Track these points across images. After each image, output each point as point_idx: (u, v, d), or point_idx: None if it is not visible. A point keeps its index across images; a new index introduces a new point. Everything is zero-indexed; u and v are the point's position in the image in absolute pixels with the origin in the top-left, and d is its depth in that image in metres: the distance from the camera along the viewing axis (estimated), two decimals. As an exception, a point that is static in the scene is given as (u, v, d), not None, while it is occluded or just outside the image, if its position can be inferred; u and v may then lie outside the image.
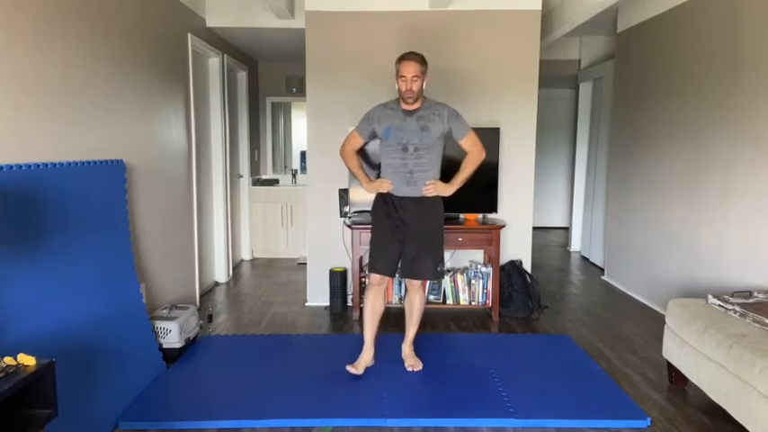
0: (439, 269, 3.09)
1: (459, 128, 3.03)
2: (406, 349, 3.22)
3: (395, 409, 2.68)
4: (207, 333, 3.76)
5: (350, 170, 3.26)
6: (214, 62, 5.02)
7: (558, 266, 6.02)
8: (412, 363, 3.14)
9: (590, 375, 3.08)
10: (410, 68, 2.85)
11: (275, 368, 3.16)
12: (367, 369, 3.07)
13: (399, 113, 2.98)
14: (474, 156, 3.09)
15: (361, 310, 4.13)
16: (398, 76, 2.89)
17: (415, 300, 3.17)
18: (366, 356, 3.10)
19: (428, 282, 4.14)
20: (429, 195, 3.00)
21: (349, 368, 3.04)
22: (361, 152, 3.29)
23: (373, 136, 3.12)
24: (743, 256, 3.39)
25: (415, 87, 2.87)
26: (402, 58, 2.89)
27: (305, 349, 3.49)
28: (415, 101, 2.93)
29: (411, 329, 3.21)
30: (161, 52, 3.79)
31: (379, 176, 3.13)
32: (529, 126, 4.37)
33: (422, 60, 2.90)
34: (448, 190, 3.04)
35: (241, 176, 6.04)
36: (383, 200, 3.07)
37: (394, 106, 3.02)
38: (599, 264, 5.88)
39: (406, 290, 3.23)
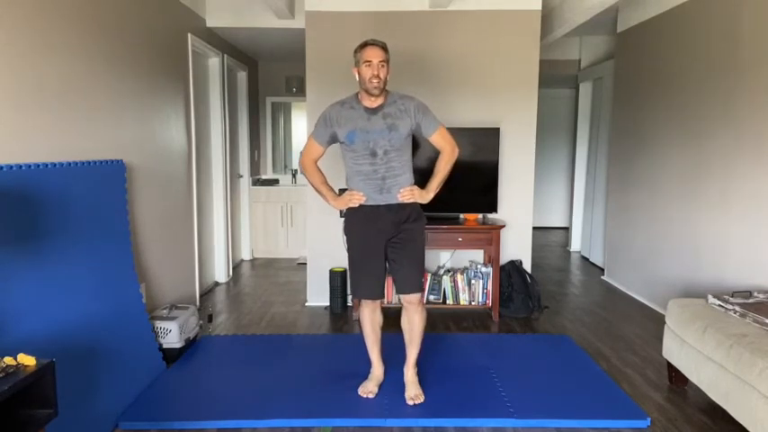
0: (420, 282, 2.79)
1: (429, 122, 2.71)
2: (409, 375, 2.88)
3: (395, 409, 2.68)
4: (207, 333, 3.76)
5: (313, 186, 2.86)
6: (214, 62, 5.02)
7: (558, 266, 6.02)
8: (413, 395, 2.77)
9: (590, 375, 3.08)
10: (376, 53, 2.58)
11: (275, 368, 3.16)
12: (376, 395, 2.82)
13: (362, 112, 2.66)
14: (447, 154, 2.76)
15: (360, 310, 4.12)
16: (362, 62, 2.58)
17: (414, 320, 2.81)
18: (377, 373, 2.90)
19: (427, 291, 4.13)
20: (406, 202, 2.71)
21: (362, 393, 2.80)
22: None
23: (333, 141, 2.76)
24: (743, 256, 3.39)
25: (383, 74, 2.58)
26: (365, 44, 2.62)
27: (305, 349, 3.49)
28: (380, 92, 2.62)
29: (412, 351, 2.87)
30: (161, 52, 3.79)
31: (343, 189, 2.82)
32: (529, 126, 4.36)
33: (386, 48, 2.63)
34: (426, 197, 2.74)
35: (241, 176, 6.04)
36: (354, 213, 2.76)
37: (353, 104, 2.69)
38: (599, 264, 5.88)
39: (402, 306, 2.85)
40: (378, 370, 2.93)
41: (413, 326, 2.83)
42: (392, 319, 4.01)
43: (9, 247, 2.20)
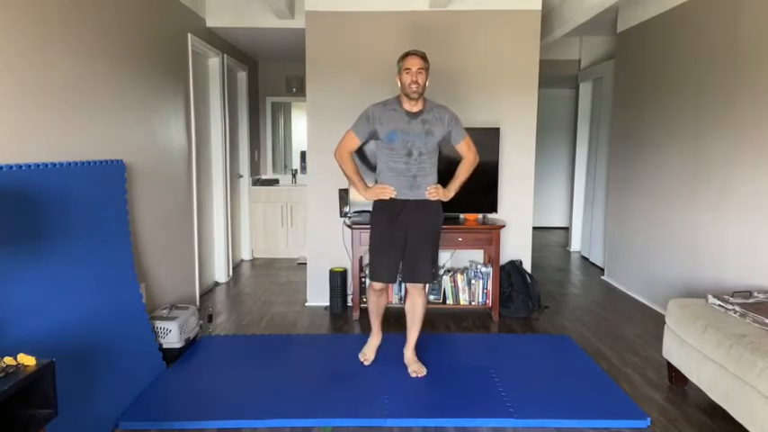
0: (434, 271, 3.08)
1: (458, 132, 3.03)
2: (408, 354, 3.16)
3: (395, 409, 2.68)
4: (207, 333, 3.76)
5: (346, 175, 3.09)
6: (214, 62, 5.02)
7: (558, 266, 6.02)
8: (416, 368, 3.07)
9: (590, 375, 3.08)
10: (416, 62, 2.85)
11: (275, 368, 3.16)
12: (372, 362, 3.19)
13: (403, 115, 2.91)
14: (469, 161, 3.10)
15: (361, 310, 4.14)
16: (403, 70, 2.87)
17: (417, 303, 3.11)
18: (375, 339, 3.24)
19: (427, 289, 4.16)
20: (432, 199, 2.99)
21: (361, 358, 3.18)
22: (359, 152, 3.25)
23: (372, 137, 3.00)
24: (743, 256, 3.39)
25: (421, 80, 2.84)
26: (406, 54, 2.89)
27: (305, 349, 3.49)
28: (419, 96, 2.88)
29: (413, 334, 3.16)
30: (161, 52, 3.79)
31: (376, 181, 3.06)
32: (529, 126, 4.37)
33: (425, 57, 2.90)
34: (447, 195, 3.04)
35: (241, 176, 6.04)
36: (383, 204, 3.01)
37: (395, 107, 2.94)
38: (599, 264, 5.88)
39: (406, 292, 3.16)
40: (376, 337, 3.25)
41: (415, 309, 3.13)
42: (393, 319, 4.02)
43: (9, 247, 2.20)
